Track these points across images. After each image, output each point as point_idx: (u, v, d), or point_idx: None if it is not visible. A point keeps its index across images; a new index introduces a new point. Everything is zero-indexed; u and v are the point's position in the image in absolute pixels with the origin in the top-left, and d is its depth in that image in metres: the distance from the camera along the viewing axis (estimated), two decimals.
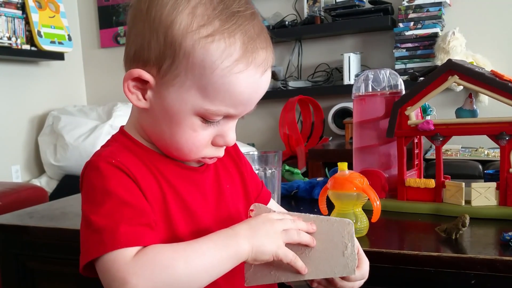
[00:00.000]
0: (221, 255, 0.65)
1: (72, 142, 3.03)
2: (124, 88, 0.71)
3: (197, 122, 0.70)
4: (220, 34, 0.66)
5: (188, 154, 0.73)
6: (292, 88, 3.09)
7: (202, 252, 0.64)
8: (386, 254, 0.92)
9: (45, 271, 1.28)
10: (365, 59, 3.02)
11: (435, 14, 2.73)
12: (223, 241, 0.66)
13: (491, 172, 1.26)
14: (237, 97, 0.69)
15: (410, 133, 1.20)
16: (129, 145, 0.74)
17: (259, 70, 0.69)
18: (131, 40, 0.72)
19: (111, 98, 3.43)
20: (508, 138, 1.08)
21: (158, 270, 0.62)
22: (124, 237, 0.63)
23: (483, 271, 0.86)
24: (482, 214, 1.10)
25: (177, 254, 0.63)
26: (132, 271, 0.61)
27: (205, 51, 0.66)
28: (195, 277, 0.64)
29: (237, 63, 0.67)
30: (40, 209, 1.43)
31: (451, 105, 1.78)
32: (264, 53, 0.70)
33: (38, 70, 3.42)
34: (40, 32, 3.12)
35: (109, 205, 0.65)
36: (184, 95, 0.68)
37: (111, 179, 0.67)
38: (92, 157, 0.72)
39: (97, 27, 3.78)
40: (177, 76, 0.67)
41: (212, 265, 0.65)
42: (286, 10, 3.17)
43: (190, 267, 0.63)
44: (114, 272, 0.62)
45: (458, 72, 1.12)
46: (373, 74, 1.33)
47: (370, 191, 0.96)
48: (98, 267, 0.65)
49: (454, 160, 2.39)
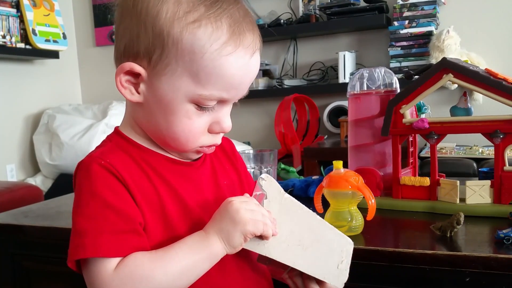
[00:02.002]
0: (197, 258, 0.68)
1: (68, 141, 3.02)
2: (116, 83, 0.71)
3: (192, 109, 0.71)
4: (206, 19, 0.67)
5: (185, 144, 0.73)
6: (287, 86, 3.09)
7: (178, 259, 0.66)
8: (381, 252, 0.92)
9: (41, 270, 1.28)
10: (360, 57, 3.02)
11: (429, 12, 2.74)
12: (197, 244, 0.68)
13: (485, 170, 1.26)
14: (228, 80, 0.70)
15: (405, 132, 1.20)
16: (122, 145, 0.74)
17: (248, 52, 0.70)
18: (119, 36, 0.72)
19: (106, 96, 3.43)
20: (502, 136, 1.09)
21: (139, 282, 0.65)
22: (106, 246, 0.65)
23: (478, 269, 0.86)
24: (477, 212, 1.10)
25: (155, 264, 0.65)
26: (115, 284, 0.64)
27: (193, 36, 0.67)
28: (175, 283, 0.67)
29: (226, 46, 0.68)
30: (35, 208, 1.42)
31: (445, 104, 1.79)
32: (251, 35, 0.71)
33: (33, 68, 3.41)
34: (34, 30, 3.11)
35: (93, 208, 0.67)
36: (176, 82, 0.69)
37: (98, 180, 0.68)
38: (84, 158, 0.72)
39: (92, 25, 3.77)
40: (168, 65, 0.68)
41: (189, 269, 0.68)
42: (281, 8, 3.17)
43: (168, 275, 0.66)
44: (98, 283, 0.65)
45: (452, 71, 1.12)
46: (368, 72, 1.33)
47: (365, 189, 0.97)
48: (82, 268, 0.68)
49: (449, 158, 2.40)
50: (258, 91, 3.07)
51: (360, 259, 0.93)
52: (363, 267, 0.94)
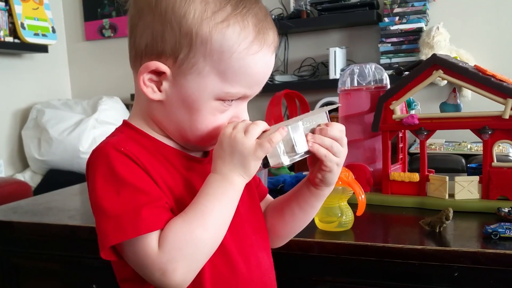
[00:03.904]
0: (226, 202, 0.69)
1: (57, 136, 3.00)
2: (139, 82, 0.71)
3: (216, 107, 0.72)
4: (234, 18, 0.69)
5: (209, 140, 0.74)
6: (278, 82, 3.09)
7: (211, 211, 0.67)
8: (371, 248, 0.93)
9: (30, 267, 1.27)
10: (351, 53, 3.03)
11: (419, 9, 2.74)
12: (219, 189, 0.69)
13: (474, 166, 1.27)
14: (253, 77, 0.72)
15: (395, 127, 1.21)
16: (134, 136, 0.74)
17: (271, 49, 0.73)
18: (138, 33, 0.72)
19: (96, 91, 3.40)
20: (491, 132, 1.10)
21: (185, 248, 0.65)
22: (145, 223, 0.65)
23: (466, 264, 0.87)
24: (465, 208, 1.11)
25: (192, 224, 0.66)
26: (166, 259, 0.64)
27: (222, 36, 0.68)
28: (217, 234, 0.68)
29: (252, 45, 0.69)
30: (23, 204, 1.42)
31: (435, 100, 1.79)
32: (272, 33, 0.73)
33: (21, 62, 3.37)
34: (23, 24, 3.08)
35: (121, 190, 0.66)
36: (203, 81, 0.70)
37: (120, 165, 0.68)
38: (100, 144, 0.72)
39: (81, 19, 3.74)
40: (195, 64, 0.69)
41: (223, 215, 0.69)
42: (272, 4, 3.16)
43: (209, 229, 0.67)
44: (149, 264, 0.65)
45: (442, 67, 1.13)
46: (359, 68, 1.34)
47: (355, 185, 0.97)
48: (125, 252, 0.67)
49: (438, 154, 2.41)
50: None
51: (350, 254, 0.94)
52: (353, 262, 0.95)
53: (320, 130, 0.75)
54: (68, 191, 1.65)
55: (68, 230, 1.16)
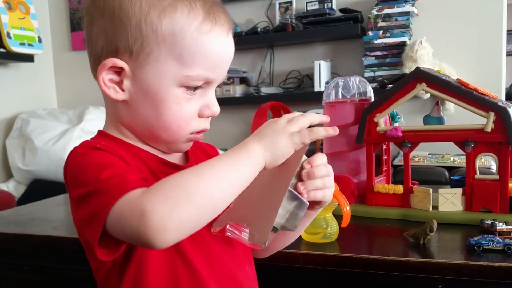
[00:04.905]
0: (233, 162, 0.64)
1: (42, 146, 2.97)
2: (100, 83, 0.72)
3: (180, 94, 0.71)
4: (181, 3, 0.70)
5: (177, 132, 0.73)
6: (264, 94, 3.11)
7: (212, 163, 0.63)
8: (355, 259, 0.93)
9: (13, 278, 1.26)
10: (335, 66, 3.05)
11: (403, 23, 2.78)
12: (233, 151, 0.66)
13: (457, 178, 1.29)
14: (211, 57, 0.71)
15: (379, 140, 1.22)
16: (111, 143, 0.73)
17: (224, 29, 0.73)
18: (94, 39, 0.73)
19: (82, 101, 3.38)
20: (474, 145, 1.11)
21: (171, 189, 0.59)
22: (132, 182, 0.61)
23: (450, 276, 0.88)
24: (449, 220, 1.12)
25: (187, 173, 0.62)
26: (146, 200, 0.58)
27: (171, 20, 0.69)
28: (213, 188, 0.61)
29: (203, 24, 0.70)
30: (6, 214, 1.40)
31: (418, 113, 1.81)
32: (224, 15, 0.73)
33: (7, 72, 3.34)
34: (9, 33, 3.06)
35: (108, 171, 0.62)
36: (161, 68, 0.70)
37: (101, 154, 0.66)
38: (76, 146, 0.70)
39: (68, 29, 3.72)
40: (150, 53, 0.69)
41: (226, 174, 0.63)
42: (258, 17, 3.18)
43: (203, 179, 0.61)
44: (128, 211, 0.58)
45: (426, 80, 1.15)
46: (343, 81, 1.35)
47: (340, 197, 0.98)
48: (113, 222, 0.60)
49: (422, 166, 2.43)
50: (235, 98, 3.07)
51: (335, 265, 0.94)
52: (337, 274, 0.95)
53: (307, 174, 0.73)
54: (52, 201, 1.64)
55: (52, 241, 1.15)
